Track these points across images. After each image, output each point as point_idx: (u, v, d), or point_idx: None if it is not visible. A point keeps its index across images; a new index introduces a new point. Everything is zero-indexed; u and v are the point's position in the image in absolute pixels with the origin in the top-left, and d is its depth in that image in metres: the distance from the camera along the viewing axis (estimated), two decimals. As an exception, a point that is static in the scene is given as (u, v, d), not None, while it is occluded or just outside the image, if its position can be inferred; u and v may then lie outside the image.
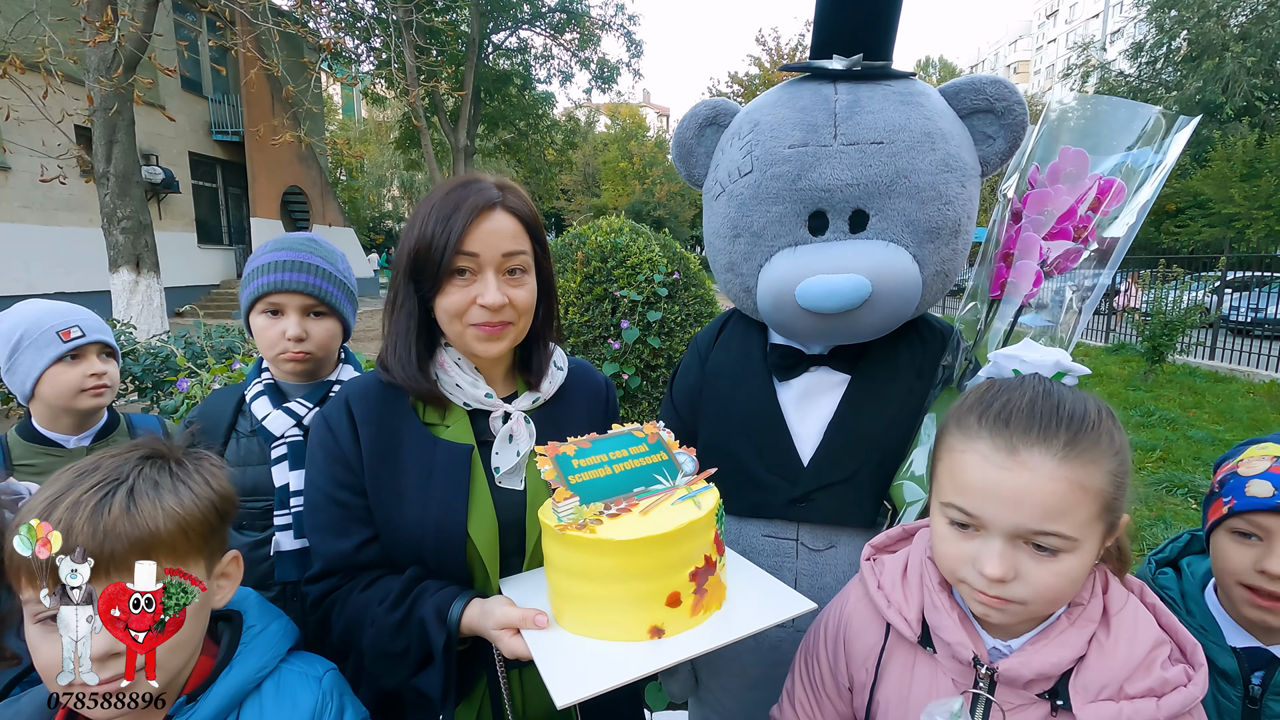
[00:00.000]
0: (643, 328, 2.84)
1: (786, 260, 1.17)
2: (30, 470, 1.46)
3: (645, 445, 0.98)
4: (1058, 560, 0.72)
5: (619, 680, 0.76)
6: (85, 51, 6.29)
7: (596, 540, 0.82)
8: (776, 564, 1.22)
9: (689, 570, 0.84)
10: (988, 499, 0.74)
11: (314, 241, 1.39)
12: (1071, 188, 1.13)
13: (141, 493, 0.74)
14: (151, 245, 7.20)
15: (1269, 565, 0.89)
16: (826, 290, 1.09)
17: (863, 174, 1.13)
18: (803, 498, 1.20)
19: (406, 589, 0.97)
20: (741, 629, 0.85)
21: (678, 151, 1.37)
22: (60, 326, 1.44)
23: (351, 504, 1.02)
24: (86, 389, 1.47)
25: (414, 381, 1.03)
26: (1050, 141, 1.16)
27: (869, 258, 1.11)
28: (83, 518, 0.69)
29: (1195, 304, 8.41)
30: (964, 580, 0.78)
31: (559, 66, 22.91)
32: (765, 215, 1.20)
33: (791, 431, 1.24)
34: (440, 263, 0.97)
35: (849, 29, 1.16)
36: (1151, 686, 0.73)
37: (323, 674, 0.89)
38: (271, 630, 0.87)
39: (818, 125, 1.15)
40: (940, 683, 0.84)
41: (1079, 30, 55.03)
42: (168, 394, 3.93)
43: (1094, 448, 0.73)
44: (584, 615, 0.86)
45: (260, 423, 1.33)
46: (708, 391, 1.35)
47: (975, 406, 0.80)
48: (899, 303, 1.14)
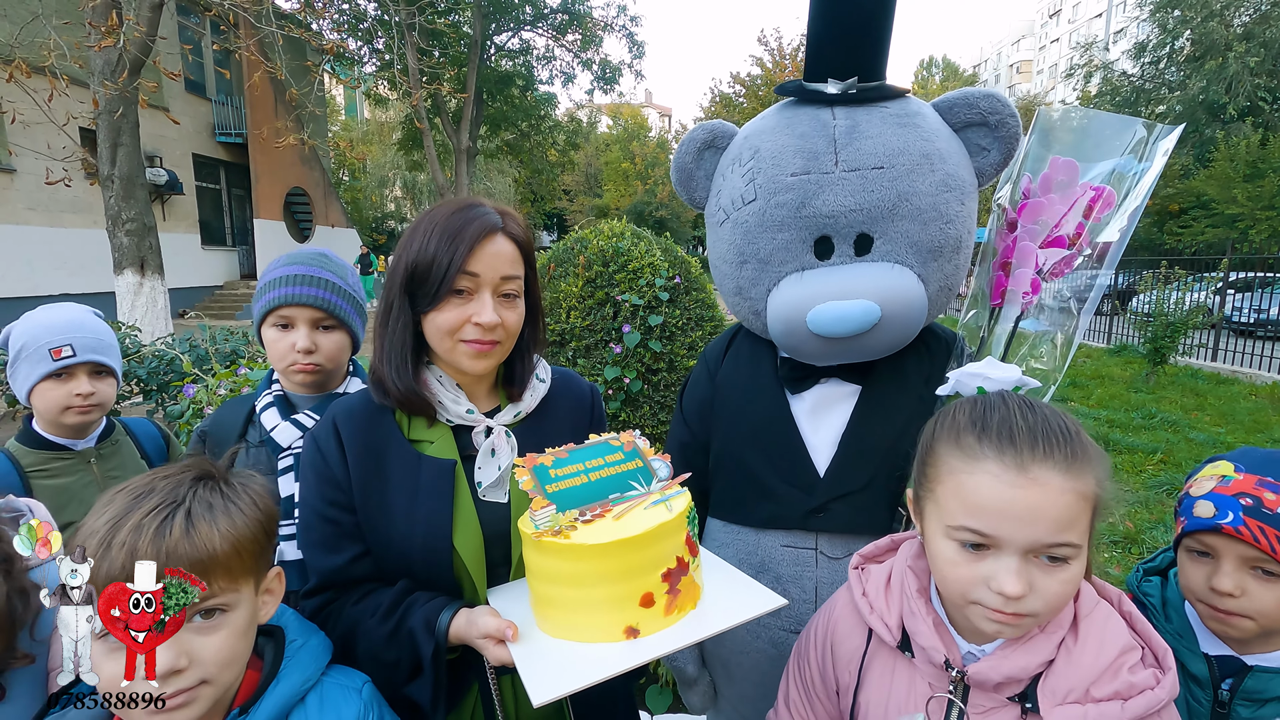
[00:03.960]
0: (644, 332, 2.85)
1: (794, 286, 1.20)
2: (45, 474, 1.50)
3: (621, 454, 1.02)
4: (1066, 568, 0.75)
5: (593, 678, 0.80)
6: (90, 55, 6.32)
7: (571, 545, 0.85)
8: (798, 573, 1.24)
9: (661, 571, 0.88)
10: (1003, 518, 0.74)
11: (324, 256, 1.43)
12: (1064, 196, 1.16)
13: (199, 515, 0.77)
14: (156, 247, 7.23)
15: (1216, 583, 0.94)
16: (837, 316, 1.12)
17: (865, 199, 1.15)
18: (820, 508, 1.22)
19: (396, 601, 1.00)
20: (713, 626, 0.88)
21: (678, 176, 1.39)
22: (53, 344, 1.46)
23: (342, 521, 1.05)
24: (72, 407, 1.49)
25: (409, 392, 1.05)
26: (1041, 151, 1.19)
27: (876, 282, 1.14)
28: (146, 540, 0.72)
29: (1198, 305, 8.39)
30: (977, 602, 0.78)
31: (561, 67, 22.91)
32: (771, 242, 1.23)
33: (806, 443, 1.26)
34: (443, 280, 1.00)
35: (842, 51, 1.18)
36: (1118, 690, 0.76)
37: (361, 685, 0.92)
38: (312, 644, 0.89)
39: (818, 152, 1.18)
40: (918, 686, 0.87)
41: (1082, 30, 54.89)
42: (173, 398, 3.95)
43: (1085, 457, 0.76)
44: (562, 619, 0.89)
45: (269, 433, 1.36)
46: (719, 404, 1.37)
47: (970, 427, 0.81)
48: (907, 322, 1.17)
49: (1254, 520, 0.91)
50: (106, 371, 1.56)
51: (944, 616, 0.87)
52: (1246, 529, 0.91)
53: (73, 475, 1.53)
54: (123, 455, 1.64)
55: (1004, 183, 1.27)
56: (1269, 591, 0.92)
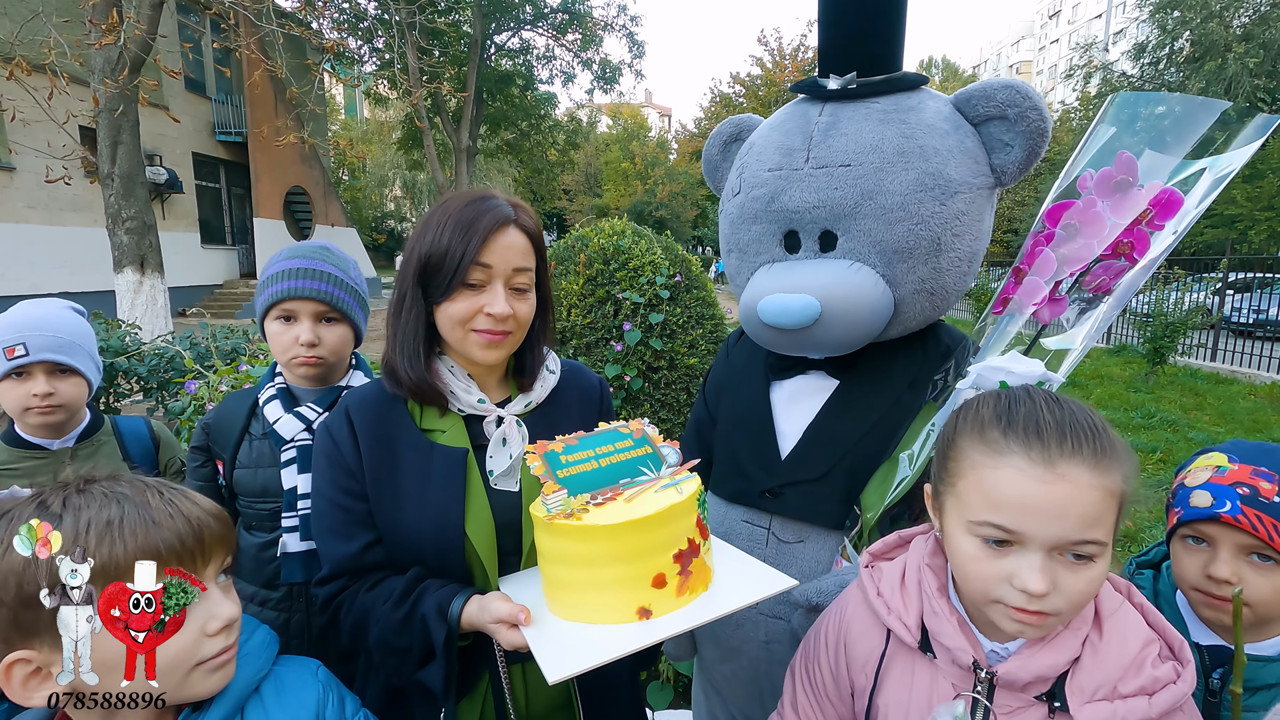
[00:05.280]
0: (645, 330, 2.85)
1: (761, 276, 1.26)
2: (14, 474, 1.46)
3: (630, 440, 1.03)
4: (1091, 566, 0.73)
5: (607, 657, 0.81)
6: (90, 53, 6.32)
7: (583, 527, 0.86)
8: (749, 548, 1.27)
9: (672, 552, 0.89)
10: (1029, 513, 0.73)
11: (326, 249, 1.42)
12: (1115, 204, 1.00)
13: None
14: (156, 245, 7.23)
15: (1213, 570, 0.96)
16: (779, 308, 1.16)
17: (829, 196, 1.18)
18: (774, 491, 1.26)
19: (409, 588, 1.01)
20: (725, 606, 0.90)
21: (706, 169, 1.49)
22: (6, 343, 1.40)
23: (355, 509, 1.05)
24: (31, 408, 1.43)
25: (421, 381, 1.06)
26: (1111, 143, 1.01)
27: (821, 278, 1.16)
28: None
29: (1197, 305, 8.40)
30: (999, 600, 0.76)
31: (561, 67, 22.91)
32: (748, 233, 1.31)
33: (776, 428, 1.30)
34: (456, 271, 1.00)
35: (847, 46, 1.19)
36: (1143, 685, 0.75)
37: (316, 668, 0.92)
38: (259, 636, 0.89)
39: (793, 149, 1.23)
40: (940, 687, 0.85)
41: (1081, 31, 54.93)
42: (174, 395, 3.95)
43: (1113, 453, 0.74)
44: (575, 601, 0.90)
45: (271, 426, 1.36)
46: (725, 385, 1.45)
47: (995, 421, 0.79)
48: (856, 321, 1.15)
49: (1251, 509, 0.92)
50: (69, 371, 1.47)
51: (965, 615, 0.86)
52: (1245, 517, 0.92)
53: (43, 476, 1.47)
54: (102, 456, 1.57)
55: (1061, 180, 1.08)
56: (1264, 579, 0.94)
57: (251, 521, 1.40)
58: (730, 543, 1.21)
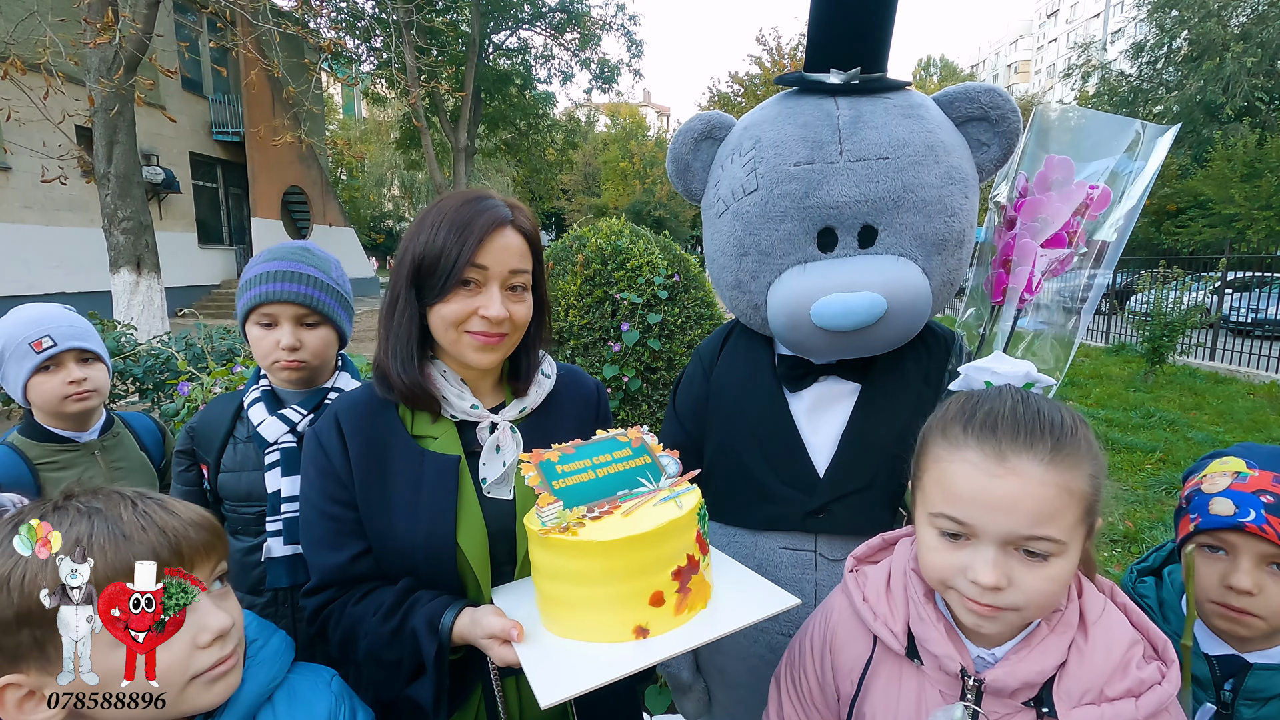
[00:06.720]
0: (643, 330, 2.84)
1: (797, 278, 1.17)
2: (54, 466, 1.51)
3: (629, 450, 0.99)
4: (1048, 565, 0.74)
5: (603, 679, 0.77)
6: (86, 52, 6.29)
7: (578, 542, 0.83)
8: (797, 576, 1.22)
9: (671, 569, 0.85)
10: (979, 506, 0.74)
11: (307, 250, 1.39)
12: (1063, 194, 1.14)
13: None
14: (152, 245, 7.20)
15: (1234, 581, 0.93)
16: (843, 309, 1.10)
17: (870, 190, 1.13)
18: (820, 509, 1.20)
19: (399, 600, 0.98)
20: (725, 626, 0.86)
21: (674, 167, 1.35)
22: (33, 337, 1.45)
23: (344, 518, 1.03)
24: (69, 395, 1.49)
25: (413, 385, 1.03)
26: (1037, 150, 1.17)
27: (882, 274, 1.12)
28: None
29: (1195, 305, 8.40)
30: (955, 589, 0.78)
31: (559, 66, 22.91)
32: (773, 233, 1.19)
33: (805, 443, 1.23)
34: (451, 272, 0.98)
35: (844, 42, 1.17)
36: (1129, 687, 0.75)
37: (330, 678, 0.90)
38: (274, 643, 0.88)
39: (823, 141, 1.15)
40: (927, 694, 0.84)
41: (1080, 30, 54.99)
42: (168, 396, 3.93)
43: (1075, 452, 0.75)
44: (570, 618, 0.87)
45: (256, 429, 1.34)
46: (715, 404, 1.34)
47: (959, 416, 0.81)
48: (913, 316, 1.15)
49: (1276, 518, 0.90)
50: (93, 357, 1.54)
51: (953, 621, 0.85)
52: (1271, 527, 0.89)
53: (80, 467, 1.54)
54: (125, 448, 1.64)
55: (1000, 181, 1.25)
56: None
57: (236, 526, 1.37)
58: (772, 573, 1.17)
